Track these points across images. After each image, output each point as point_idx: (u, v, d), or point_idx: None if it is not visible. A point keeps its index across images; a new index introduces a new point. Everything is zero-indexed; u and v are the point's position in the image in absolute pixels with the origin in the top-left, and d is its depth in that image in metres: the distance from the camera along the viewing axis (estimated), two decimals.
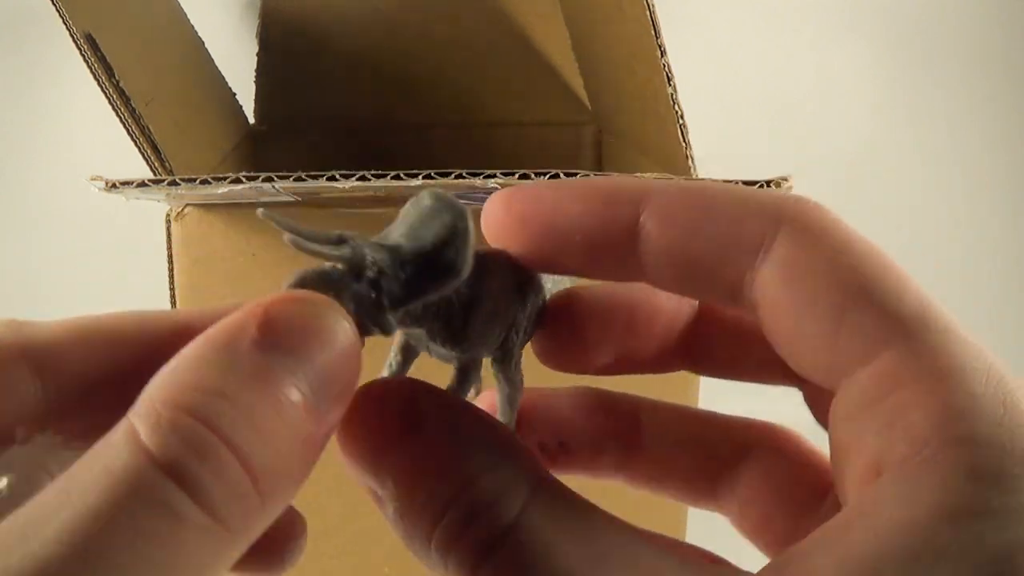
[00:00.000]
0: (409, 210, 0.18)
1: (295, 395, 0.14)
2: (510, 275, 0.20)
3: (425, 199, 0.17)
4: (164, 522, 0.12)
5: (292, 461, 0.14)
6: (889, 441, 0.14)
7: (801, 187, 0.33)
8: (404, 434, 0.16)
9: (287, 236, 0.15)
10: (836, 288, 0.16)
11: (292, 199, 0.37)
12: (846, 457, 0.16)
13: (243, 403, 0.13)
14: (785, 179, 0.33)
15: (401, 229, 0.17)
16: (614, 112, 0.55)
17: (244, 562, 0.15)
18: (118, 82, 0.37)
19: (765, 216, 0.17)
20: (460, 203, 0.17)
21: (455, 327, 0.19)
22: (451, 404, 0.17)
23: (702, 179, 0.19)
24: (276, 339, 0.14)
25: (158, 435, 0.13)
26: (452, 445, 0.16)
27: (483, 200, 0.19)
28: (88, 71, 0.37)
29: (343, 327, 0.15)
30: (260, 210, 0.16)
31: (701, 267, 0.17)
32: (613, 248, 0.18)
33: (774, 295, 0.16)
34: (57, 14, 0.35)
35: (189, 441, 0.13)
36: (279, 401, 0.14)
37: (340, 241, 0.16)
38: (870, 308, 0.15)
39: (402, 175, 0.32)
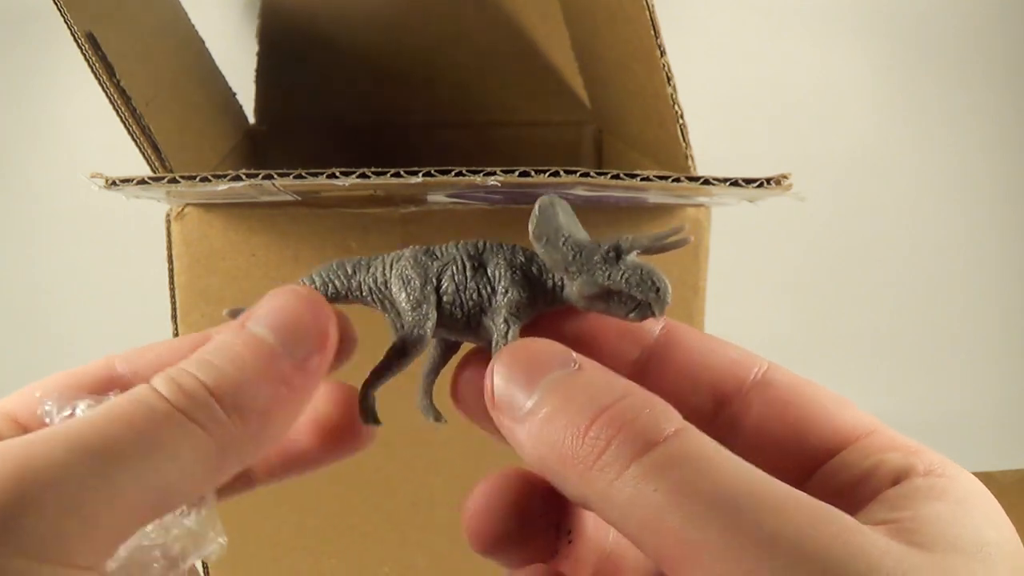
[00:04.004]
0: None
1: (259, 332, 0.20)
2: None
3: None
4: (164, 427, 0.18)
5: (257, 389, 0.19)
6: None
7: (801, 187, 0.33)
8: None
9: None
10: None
11: (292, 197, 0.37)
12: None
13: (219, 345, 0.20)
14: (785, 177, 0.33)
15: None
16: (614, 112, 0.55)
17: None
18: (119, 81, 0.37)
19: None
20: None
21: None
22: None
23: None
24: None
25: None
26: None
27: (483, 198, 0.19)
28: (88, 70, 0.37)
29: (294, 291, 0.21)
30: None
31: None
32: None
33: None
34: (58, 13, 0.35)
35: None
36: (245, 342, 0.19)
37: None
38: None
39: (402, 173, 0.32)
